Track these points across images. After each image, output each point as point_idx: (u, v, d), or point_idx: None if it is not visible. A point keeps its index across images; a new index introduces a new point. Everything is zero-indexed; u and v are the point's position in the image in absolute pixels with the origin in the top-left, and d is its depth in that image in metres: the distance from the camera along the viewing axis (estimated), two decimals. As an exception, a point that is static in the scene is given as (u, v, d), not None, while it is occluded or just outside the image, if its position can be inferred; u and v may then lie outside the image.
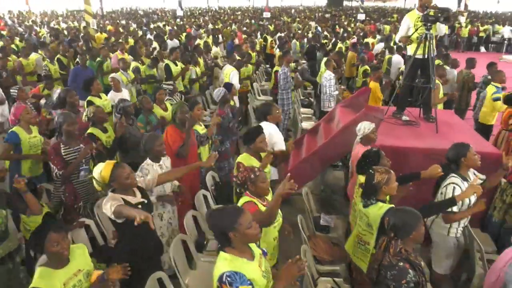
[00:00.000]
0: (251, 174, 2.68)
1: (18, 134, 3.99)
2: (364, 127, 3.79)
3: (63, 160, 3.55)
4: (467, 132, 4.77)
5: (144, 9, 37.80)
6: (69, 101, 4.64)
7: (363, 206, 2.86)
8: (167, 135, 3.98)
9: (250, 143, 3.40)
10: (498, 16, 32.87)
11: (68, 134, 3.60)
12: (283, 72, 7.00)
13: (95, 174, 2.68)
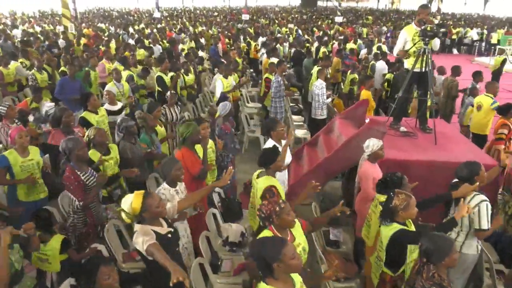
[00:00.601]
0: (276, 207, 2.64)
1: (7, 158, 3.82)
2: (373, 144, 3.86)
3: (83, 187, 3.44)
4: (464, 143, 4.95)
5: (118, 10, 36.99)
6: (65, 120, 4.47)
7: (379, 225, 2.94)
8: (183, 159, 3.78)
9: (270, 164, 3.40)
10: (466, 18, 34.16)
11: (78, 159, 3.48)
12: (277, 81, 7.03)
13: (125, 206, 2.61)
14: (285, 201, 2.73)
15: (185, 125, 3.99)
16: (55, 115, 4.54)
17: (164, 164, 3.32)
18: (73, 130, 4.60)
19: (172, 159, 3.40)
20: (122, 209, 2.63)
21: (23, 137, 3.87)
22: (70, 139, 3.51)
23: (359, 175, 4.03)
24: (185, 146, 3.96)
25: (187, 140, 3.94)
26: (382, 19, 31.82)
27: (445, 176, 4.22)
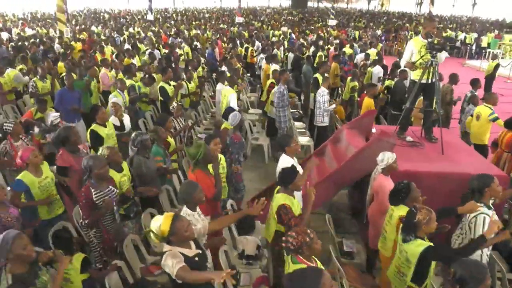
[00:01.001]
0: (306, 237, 2.69)
1: (24, 181, 3.78)
2: (388, 158, 3.94)
3: (92, 206, 3.44)
4: (471, 154, 5.06)
5: (109, 11, 36.65)
6: (73, 139, 4.41)
7: (402, 241, 3.01)
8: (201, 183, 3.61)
9: (289, 184, 3.45)
10: (455, 20, 34.67)
11: (99, 178, 3.49)
12: (280, 90, 7.10)
13: (154, 228, 2.63)
14: (312, 231, 2.77)
15: (196, 146, 3.92)
16: (60, 136, 4.41)
17: (184, 188, 3.26)
18: (79, 148, 4.55)
19: (192, 183, 3.33)
20: (151, 230, 2.65)
21: (37, 157, 3.85)
22: (92, 157, 3.52)
23: (374, 188, 4.10)
24: (198, 168, 3.90)
25: (199, 162, 3.89)
26: (373, 21, 32.17)
27: (454, 187, 4.34)
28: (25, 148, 3.95)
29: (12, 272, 2.56)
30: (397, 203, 3.44)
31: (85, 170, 3.50)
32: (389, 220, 3.51)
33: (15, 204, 3.64)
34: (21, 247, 2.51)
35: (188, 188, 3.23)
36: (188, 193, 3.19)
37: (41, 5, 37.74)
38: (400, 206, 3.42)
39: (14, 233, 2.55)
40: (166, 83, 7.13)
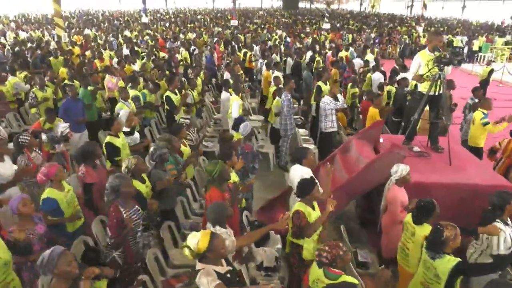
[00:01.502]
0: (340, 251, 2.83)
1: (53, 198, 3.82)
2: (402, 170, 4.07)
3: (122, 226, 3.48)
4: (477, 164, 5.22)
5: (102, 13, 36.38)
6: (97, 154, 4.49)
7: (430, 258, 3.11)
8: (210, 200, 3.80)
9: (307, 195, 3.55)
10: (446, 23, 35.17)
11: (126, 196, 3.54)
12: (287, 99, 7.18)
13: (191, 245, 2.69)
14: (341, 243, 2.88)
15: (213, 164, 3.97)
16: (86, 150, 4.46)
17: (215, 209, 3.33)
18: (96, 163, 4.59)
19: (221, 204, 3.43)
20: (188, 246, 2.71)
21: (62, 172, 3.90)
22: (118, 176, 3.55)
23: (388, 199, 4.23)
24: (213, 185, 3.94)
25: (215, 180, 3.93)
26: (365, 23, 32.49)
27: (464, 197, 4.50)
28: (50, 164, 3.96)
29: (55, 287, 2.62)
30: (421, 222, 3.54)
31: (112, 189, 3.53)
32: (411, 238, 3.62)
33: (47, 223, 3.69)
34: (66, 264, 2.57)
35: (219, 208, 3.33)
36: (218, 213, 3.28)
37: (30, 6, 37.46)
38: (424, 225, 3.53)
39: (60, 250, 2.61)
40: (172, 93, 7.14)
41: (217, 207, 3.35)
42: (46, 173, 3.83)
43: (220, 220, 3.30)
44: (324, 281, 2.86)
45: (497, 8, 47.48)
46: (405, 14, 48.12)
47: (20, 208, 3.24)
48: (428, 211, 3.51)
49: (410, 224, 3.66)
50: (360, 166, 5.05)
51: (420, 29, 23.39)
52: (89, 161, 4.44)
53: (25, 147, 4.78)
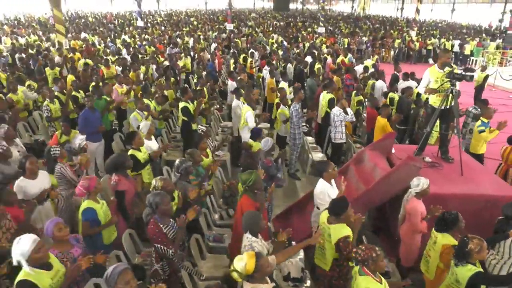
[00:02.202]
0: (373, 253, 3.02)
1: (93, 208, 3.96)
2: (423, 183, 4.27)
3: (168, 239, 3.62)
4: (487, 174, 5.45)
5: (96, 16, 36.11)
6: (127, 164, 4.62)
7: (455, 264, 3.33)
8: (242, 209, 4.00)
9: (342, 214, 3.72)
10: (437, 26, 35.77)
11: (164, 214, 3.66)
12: (295, 109, 7.37)
13: (238, 268, 2.83)
14: (380, 249, 3.07)
15: (248, 173, 4.17)
16: (117, 161, 4.62)
17: (249, 218, 3.50)
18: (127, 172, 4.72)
19: (256, 214, 3.59)
20: (236, 270, 2.86)
21: (101, 185, 4.02)
22: (157, 194, 3.66)
23: (407, 211, 4.41)
24: (245, 193, 4.13)
25: (248, 188, 4.12)
26: (358, 25, 32.90)
27: (478, 208, 4.71)
28: (89, 177, 4.08)
29: None
30: (443, 231, 3.75)
31: (151, 206, 3.65)
32: (432, 246, 3.82)
33: (87, 233, 3.79)
34: (124, 282, 2.68)
35: (253, 217, 3.50)
36: (253, 222, 3.47)
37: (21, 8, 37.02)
38: (445, 234, 3.73)
39: (121, 268, 2.73)
40: (187, 103, 7.25)
41: (252, 215, 3.54)
42: (87, 186, 3.95)
43: (253, 228, 3.48)
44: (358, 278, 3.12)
45: (485, 11, 48.54)
46: (395, 16, 48.79)
47: (55, 233, 3.28)
48: (451, 223, 3.71)
49: (434, 233, 3.86)
50: (376, 177, 5.24)
51: (413, 33, 23.78)
52: (121, 170, 4.62)
53: (58, 157, 4.97)
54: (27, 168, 4.41)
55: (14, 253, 2.81)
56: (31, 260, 2.82)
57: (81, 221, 4.02)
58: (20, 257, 2.80)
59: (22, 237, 2.84)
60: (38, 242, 2.84)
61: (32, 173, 4.46)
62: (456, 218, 3.72)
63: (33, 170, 4.47)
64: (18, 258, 2.81)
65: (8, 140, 5.62)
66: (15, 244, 2.81)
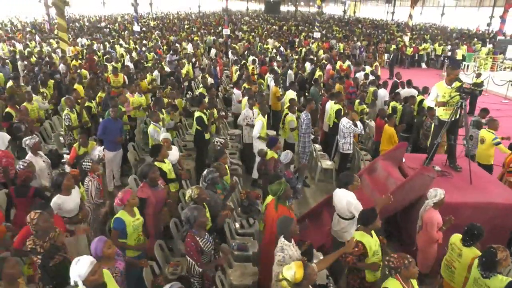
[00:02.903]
0: (405, 261, 3.27)
1: (123, 219, 4.12)
2: (440, 194, 4.55)
3: (201, 253, 3.81)
4: (494, 182, 5.77)
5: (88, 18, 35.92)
6: (151, 176, 4.75)
7: (484, 277, 3.57)
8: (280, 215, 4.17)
9: (370, 225, 3.99)
10: (425, 30, 36.44)
11: (200, 226, 3.85)
12: (307, 118, 7.63)
13: (288, 276, 3.07)
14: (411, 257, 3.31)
15: (277, 183, 4.40)
16: (143, 171, 4.81)
17: (283, 223, 3.74)
18: (158, 183, 4.91)
19: (289, 218, 3.84)
20: (285, 278, 3.09)
21: (135, 199, 4.19)
22: (195, 208, 3.85)
23: (425, 220, 4.67)
24: (279, 203, 4.38)
25: (280, 198, 4.38)
26: (350, 29, 33.39)
27: (489, 216, 5.00)
28: (125, 190, 4.25)
29: None
30: (470, 245, 4.00)
31: (187, 220, 3.83)
32: (457, 258, 4.06)
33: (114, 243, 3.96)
34: None
35: (286, 222, 3.75)
36: (286, 227, 3.72)
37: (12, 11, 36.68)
38: (472, 247, 3.98)
39: (178, 286, 2.96)
40: (202, 112, 7.43)
41: (286, 220, 3.80)
42: (121, 198, 4.14)
43: (287, 232, 3.73)
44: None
45: (473, 14, 49.49)
46: (386, 19, 49.56)
47: (105, 251, 3.42)
48: (478, 236, 3.96)
49: (456, 246, 4.10)
50: (390, 187, 5.52)
51: (406, 38, 24.27)
52: (150, 181, 4.77)
53: (89, 171, 5.16)
54: (64, 185, 4.56)
55: (72, 273, 2.95)
56: (87, 281, 2.93)
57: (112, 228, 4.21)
58: (77, 278, 2.93)
59: (81, 258, 2.97)
60: (95, 264, 2.97)
61: (68, 190, 4.62)
62: (482, 231, 3.95)
63: (70, 187, 4.63)
64: (76, 279, 2.94)
65: (34, 152, 5.78)
66: (74, 265, 2.95)
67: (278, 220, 3.89)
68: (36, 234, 3.70)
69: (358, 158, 8.26)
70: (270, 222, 4.39)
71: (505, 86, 15.92)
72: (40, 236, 3.70)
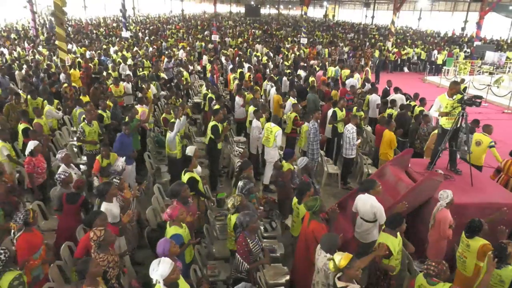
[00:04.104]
0: (444, 267, 3.78)
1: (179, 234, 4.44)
2: (450, 195, 5.10)
3: (250, 254, 4.22)
4: (492, 184, 6.39)
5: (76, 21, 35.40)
6: (183, 195, 5.05)
7: (497, 268, 4.14)
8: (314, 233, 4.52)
9: (396, 228, 4.49)
10: (404, 35, 37.71)
11: (252, 231, 4.27)
12: (314, 126, 8.12)
13: (336, 260, 3.57)
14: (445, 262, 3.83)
15: (313, 199, 4.73)
16: (174, 190, 5.09)
17: (329, 239, 4.10)
18: (189, 200, 5.25)
19: (334, 235, 4.24)
20: (333, 259, 3.61)
21: (183, 214, 4.55)
22: (247, 214, 4.28)
23: (437, 219, 5.19)
24: (313, 219, 4.66)
25: (315, 213, 4.69)
26: (334, 34, 34.25)
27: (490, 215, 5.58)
28: (173, 207, 4.55)
29: None
30: (473, 237, 4.58)
31: (241, 224, 4.25)
32: (466, 249, 4.62)
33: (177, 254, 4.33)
34: None
35: (332, 238, 4.13)
36: (333, 245, 4.06)
37: None
38: (475, 238, 4.56)
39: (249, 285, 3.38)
40: (217, 123, 7.76)
41: (331, 237, 4.17)
42: (170, 214, 4.48)
43: (333, 248, 4.08)
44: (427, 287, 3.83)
45: (447, 19, 51.51)
46: (363, 22, 50.87)
47: (171, 249, 3.82)
48: (478, 228, 4.54)
49: (464, 238, 4.69)
50: (401, 190, 6.06)
51: (389, 43, 25.22)
52: (181, 199, 5.05)
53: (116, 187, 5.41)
54: (110, 193, 4.90)
55: (154, 273, 3.34)
56: (167, 280, 3.35)
57: None
58: (159, 277, 3.33)
59: (162, 260, 3.38)
60: (174, 265, 3.39)
61: (112, 197, 4.96)
62: (480, 223, 4.55)
63: (115, 195, 4.98)
64: (158, 277, 3.34)
65: (67, 164, 6.05)
66: (156, 265, 3.35)
67: (323, 236, 4.20)
68: (98, 248, 3.99)
69: (361, 163, 8.81)
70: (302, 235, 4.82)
71: (484, 90, 16.86)
72: (102, 250, 4.01)
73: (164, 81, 13.34)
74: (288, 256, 5.81)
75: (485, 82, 17.98)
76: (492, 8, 24.25)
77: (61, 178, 5.49)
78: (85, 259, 3.64)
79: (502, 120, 14.49)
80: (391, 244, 4.48)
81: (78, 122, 8.62)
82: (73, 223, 5.14)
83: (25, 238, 4.21)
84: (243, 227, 4.27)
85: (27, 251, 4.15)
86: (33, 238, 4.29)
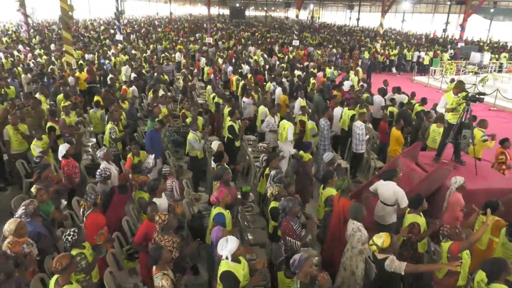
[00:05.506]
0: (456, 230, 4.41)
1: (222, 213, 4.94)
2: (460, 180, 5.70)
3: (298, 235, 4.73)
4: (494, 172, 7.07)
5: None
6: (225, 178, 5.63)
7: (510, 241, 4.74)
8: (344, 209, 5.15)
9: (418, 207, 5.07)
10: (390, 36, 38.83)
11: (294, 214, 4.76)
12: (327, 124, 8.70)
13: (378, 242, 4.12)
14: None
15: (341, 179, 5.41)
16: (218, 173, 5.65)
17: (356, 208, 4.74)
18: (230, 183, 5.77)
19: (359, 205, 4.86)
20: (375, 243, 4.11)
21: (228, 197, 5.03)
22: (289, 200, 4.78)
23: (450, 202, 5.78)
24: (342, 196, 5.34)
25: (344, 191, 5.36)
26: (322, 37, 35.08)
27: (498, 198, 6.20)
28: (219, 190, 5.08)
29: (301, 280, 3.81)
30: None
31: (283, 209, 4.75)
32: (481, 225, 5.24)
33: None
34: (309, 265, 3.81)
35: (359, 209, 4.76)
36: (360, 213, 4.74)
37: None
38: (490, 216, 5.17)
39: (305, 256, 3.84)
40: (233, 122, 8.24)
41: (358, 206, 4.82)
42: (217, 196, 4.99)
43: (359, 216, 4.76)
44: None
45: (428, 20, 53.15)
46: (348, 24, 52.01)
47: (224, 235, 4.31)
48: (494, 208, 5.14)
49: (481, 217, 5.30)
50: (414, 180, 6.66)
51: (378, 45, 26.10)
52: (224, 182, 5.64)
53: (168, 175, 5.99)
54: (160, 188, 5.35)
55: (223, 250, 3.82)
56: (234, 255, 3.85)
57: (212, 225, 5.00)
58: (228, 253, 3.82)
59: (229, 238, 3.87)
60: (239, 243, 3.89)
61: (162, 192, 5.40)
62: (497, 204, 5.16)
63: (164, 190, 5.42)
64: (227, 253, 3.82)
65: (107, 160, 6.43)
66: (225, 242, 3.83)
67: (351, 207, 4.87)
68: (161, 231, 4.43)
69: (369, 157, 9.41)
70: (335, 213, 5.38)
71: (470, 89, 17.76)
72: (165, 232, 4.45)
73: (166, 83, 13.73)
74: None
75: (471, 81, 18.91)
76: (475, 11, 25.38)
77: (105, 174, 5.88)
78: (157, 246, 4.05)
79: (489, 117, 15.31)
80: (421, 222, 5.08)
81: (103, 124, 8.95)
82: (122, 213, 5.60)
83: (93, 217, 4.83)
84: (285, 212, 4.76)
85: (95, 227, 4.69)
86: (99, 218, 4.91)
